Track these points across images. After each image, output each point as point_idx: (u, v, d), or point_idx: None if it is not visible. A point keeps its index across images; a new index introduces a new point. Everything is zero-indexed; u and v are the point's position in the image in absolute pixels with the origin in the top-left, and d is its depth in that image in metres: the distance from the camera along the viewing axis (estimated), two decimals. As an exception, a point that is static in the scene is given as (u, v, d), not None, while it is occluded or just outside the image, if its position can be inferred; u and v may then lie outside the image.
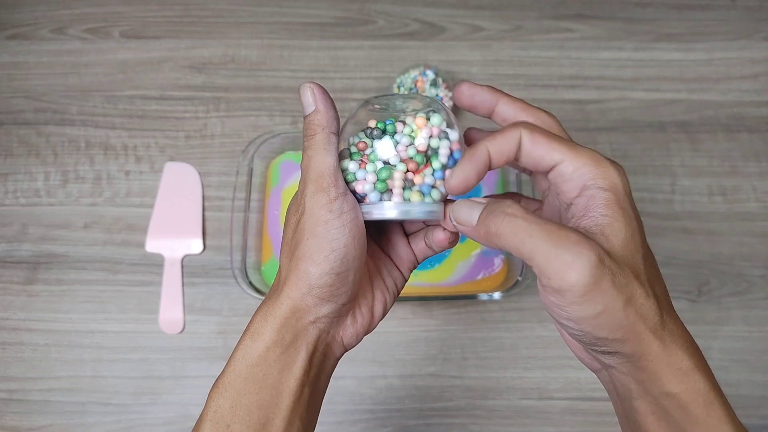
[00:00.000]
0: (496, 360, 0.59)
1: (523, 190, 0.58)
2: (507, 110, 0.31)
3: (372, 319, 0.34)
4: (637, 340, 0.26)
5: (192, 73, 0.69)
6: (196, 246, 0.62)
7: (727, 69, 0.70)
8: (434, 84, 0.63)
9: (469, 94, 0.31)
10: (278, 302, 0.30)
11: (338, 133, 0.31)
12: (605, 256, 0.25)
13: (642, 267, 0.27)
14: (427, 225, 0.35)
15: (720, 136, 0.67)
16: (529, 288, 0.59)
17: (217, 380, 0.30)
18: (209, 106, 0.67)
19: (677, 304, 0.62)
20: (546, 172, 0.29)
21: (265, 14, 0.71)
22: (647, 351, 0.26)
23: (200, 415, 0.30)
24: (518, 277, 0.56)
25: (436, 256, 0.60)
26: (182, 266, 0.61)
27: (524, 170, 0.34)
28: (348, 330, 0.32)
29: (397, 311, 0.60)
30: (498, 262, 0.60)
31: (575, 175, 0.27)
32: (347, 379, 0.58)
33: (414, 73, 0.64)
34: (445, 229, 0.33)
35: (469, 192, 0.30)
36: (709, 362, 0.61)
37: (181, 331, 0.59)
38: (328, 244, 0.29)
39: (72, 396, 0.57)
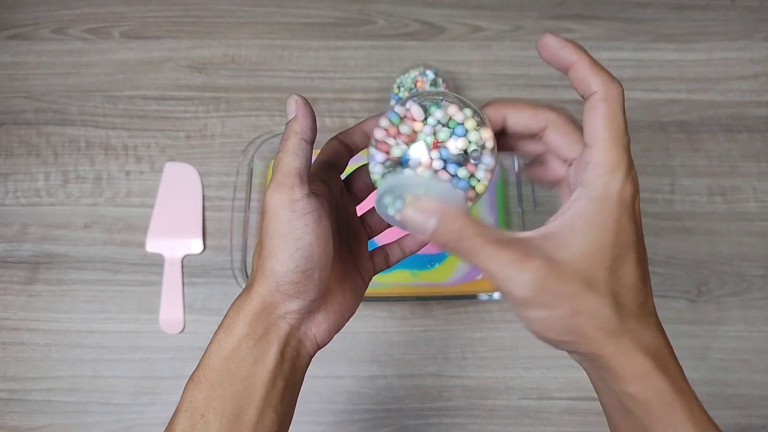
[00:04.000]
0: (495, 360, 0.59)
1: (523, 190, 0.58)
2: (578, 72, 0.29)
3: (342, 317, 0.35)
4: (589, 343, 0.27)
5: (192, 73, 0.69)
6: (196, 246, 0.62)
7: (727, 69, 0.70)
8: (434, 84, 0.63)
9: (554, 49, 0.29)
10: (249, 298, 0.31)
11: (311, 142, 0.31)
12: (548, 270, 0.27)
13: (604, 278, 0.27)
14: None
15: (719, 136, 0.67)
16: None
17: (192, 374, 0.31)
18: (209, 106, 0.67)
19: (677, 304, 0.62)
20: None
21: (266, 14, 0.71)
22: (602, 353, 0.27)
23: (176, 408, 0.31)
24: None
25: (435, 255, 0.60)
26: (182, 266, 0.61)
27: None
28: (321, 327, 0.33)
29: (397, 311, 0.60)
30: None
31: (588, 166, 0.28)
32: (347, 379, 0.58)
33: (414, 74, 0.64)
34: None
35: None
36: (708, 362, 0.61)
37: (181, 331, 0.60)
38: (293, 242, 0.30)
39: (72, 396, 0.57)
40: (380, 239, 0.39)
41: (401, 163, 0.30)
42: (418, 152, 0.30)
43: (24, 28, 0.71)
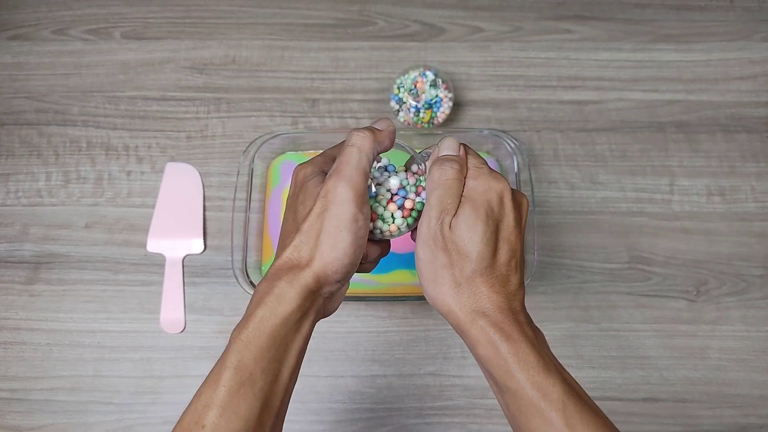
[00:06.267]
0: (495, 359, 0.59)
1: (522, 189, 0.58)
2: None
3: (343, 296, 0.40)
4: (441, 300, 0.36)
5: (193, 73, 0.69)
6: (197, 246, 0.62)
7: (726, 70, 0.70)
8: (434, 85, 0.63)
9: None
10: (304, 273, 0.34)
11: (373, 162, 0.37)
12: (446, 231, 0.35)
13: (474, 250, 0.35)
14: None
15: (718, 136, 0.67)
16: (528, 288, 0.59)
17: (238, 333, 0.33)
18: (210, 106, 0.68)
19: (675, 304, 0.63)
20: None
21: (266, 15, 0.72)
22: (450, 310, 0.36)
23: (219, 363, 0.33)
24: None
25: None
26: (183, 266, 0.62)
27: None
28: (335, 303, 0.39)
29: (398, 310, 0.61)
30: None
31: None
32: (347, 378, 0.58)
33: (414, 74, 0.64)
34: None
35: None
36: (707, 362, 0.62)
37: (182, 331, 0.60)
38: (358, 240, 0.35)
39: (73, 395, 0.58)
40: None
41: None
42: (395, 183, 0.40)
43: (25, 28, 0.71)
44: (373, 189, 0.39)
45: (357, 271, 0.40)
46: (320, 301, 0.35)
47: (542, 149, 0.66)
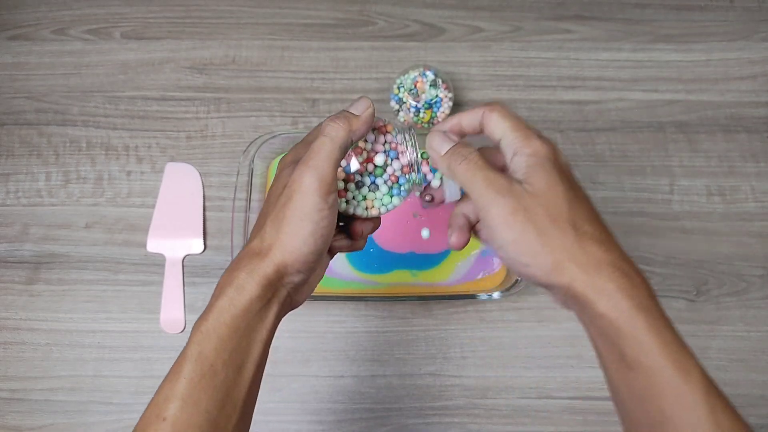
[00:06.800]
0: (495, 359, 0.59)
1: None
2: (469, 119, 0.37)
3: (314, 287, 0.40)
4: (559, 267, 0.32)
5: (193, 73, 0.69)
6: (197, 246, 0.62)
7: (726, 70, 0.70)
8: (434, 85, 0.63)
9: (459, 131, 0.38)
10: (263, 263, 0.34)
11: (347, 150, 0.35)
12: (523, 197, 0.32)
13: (564, 209, 0.32)
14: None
15: (718, 136, 0.67)
16: (528, 288, 0.59)
17: (199, 325, 0.33)
18: (210, 106, 0.68)
19: (675, 304, 0.63)
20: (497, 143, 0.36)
21: (266, 15, 0.72)
22: (572, 277, 0.31)
23: (180, 356, 0.32)
24: (517, 277, 0.56)
25: (435, 256, 0.60)
26: (183, 266, 0.62)
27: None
28: (302, 295, 0.38)
29: (397, 311, 0.61)
30: (497, 262, 0.60)
31: (508, 145, 0.35)
32: (347, 378, 0.58)
33: (414, 74, 0.64)
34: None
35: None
36: (707, 362, 0.62)
37: (182, 331, 0.60)
38: (320, 229, 0.34)
39: (73, 395, 0.58)
40: None
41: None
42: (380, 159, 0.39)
43: (25, 28, 0.71)
44: (354, 167, 0.38)
45: (351, 250, 0.40)
46: (283, 291, 0.35)
47: (542, 149, 0.66)
